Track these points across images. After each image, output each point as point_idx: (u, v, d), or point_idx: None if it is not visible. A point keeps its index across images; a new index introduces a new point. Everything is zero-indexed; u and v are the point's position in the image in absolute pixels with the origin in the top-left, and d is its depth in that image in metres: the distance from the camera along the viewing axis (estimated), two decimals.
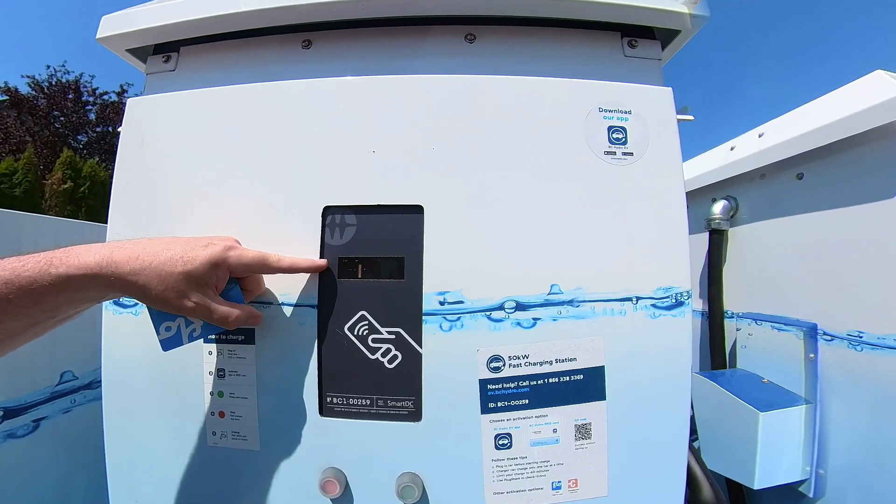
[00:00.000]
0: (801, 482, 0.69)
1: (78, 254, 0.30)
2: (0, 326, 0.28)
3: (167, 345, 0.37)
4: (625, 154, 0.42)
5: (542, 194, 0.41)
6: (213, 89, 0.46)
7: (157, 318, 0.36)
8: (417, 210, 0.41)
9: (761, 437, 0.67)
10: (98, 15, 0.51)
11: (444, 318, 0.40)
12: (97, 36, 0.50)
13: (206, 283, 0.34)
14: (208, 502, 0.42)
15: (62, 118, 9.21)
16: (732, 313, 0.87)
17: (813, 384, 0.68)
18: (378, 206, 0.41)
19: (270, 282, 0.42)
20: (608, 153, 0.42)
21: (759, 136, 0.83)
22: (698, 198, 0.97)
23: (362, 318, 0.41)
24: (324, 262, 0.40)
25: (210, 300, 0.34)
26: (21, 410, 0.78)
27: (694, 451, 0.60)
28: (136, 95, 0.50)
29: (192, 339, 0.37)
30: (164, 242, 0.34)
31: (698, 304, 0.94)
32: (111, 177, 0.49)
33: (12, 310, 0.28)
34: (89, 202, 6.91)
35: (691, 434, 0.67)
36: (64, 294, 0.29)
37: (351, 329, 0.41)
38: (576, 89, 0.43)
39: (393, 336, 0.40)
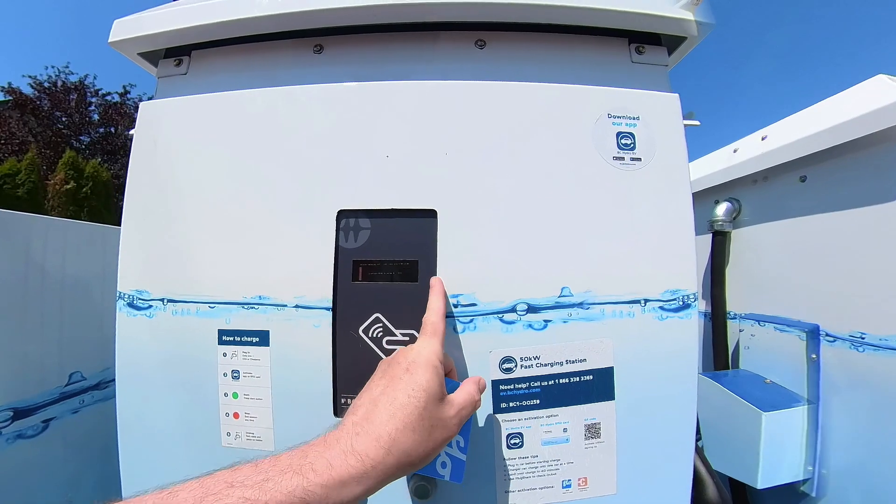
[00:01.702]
0: (804, 481, 0.69)
1: (341, 490, 0.25)
2: None
3: (457, 474, 0.34)
4: (633, 159, 0.42)
5: (553, 199, 0.42)
6: (225, 93, 0.47)
7: (429, 469, 0.33)
8: (431, 214, 0.42)
9: (764, 437, 0.68)
10: (100, 16, 0.51)
11: (458, 320, 0.40)
12: (109, 40, 0.51)
13: (443, 392, 0.31)
14: None
15: (65, 119, 9.20)
16: (735, 314, 0.88)
17: (815, 385, 0.69)
18: (392, 210, 0.42)
19: (284, 283, 0.43)
20: (617, 158, 0.42)
21: (762, 138, 0.84)
22: (701, 200, 0.98)
23: (377, 320, 0.41)
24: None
25: (454, 403, 0.31)
26: (30, 411, 0.79)
27: (698, 451, 0.61)
28: (142, 97, 0.51)
29: (464, 450, 0.35)
30: (369, 401, 0.29)
31: (701, 305, 0.95)
32: (113, 177, 0.49)
33: None
34: (92, 202, 6.90)
35: (695, 434, 0.67)
36: None
37: (365, 331, 0.41)
38: (585, 95, 0.44)
39: (407, 338, 0.41)
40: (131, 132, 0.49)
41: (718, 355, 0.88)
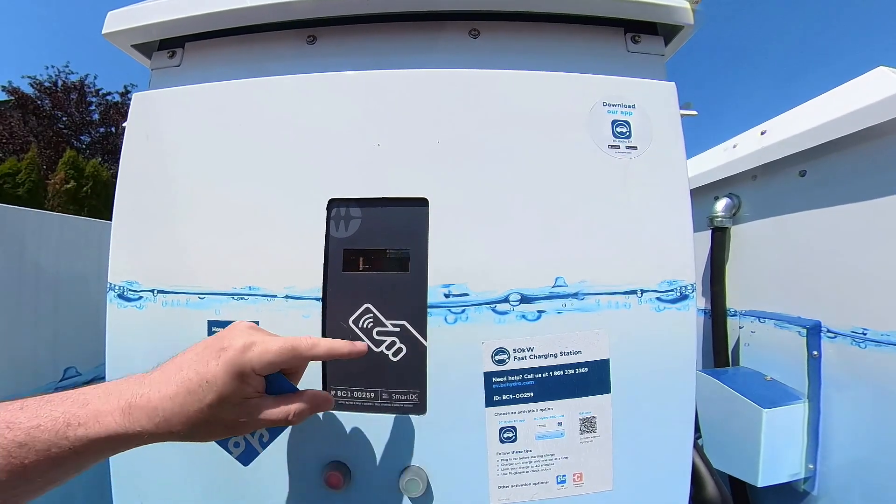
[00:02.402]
0: (805, 479, 0.68)
1: (98, 413, 0.26)
2: (15, 491, 0.24)
3: (246, 459, 0.34)
4: (629, 148, 0.42)
5: (547, 187, 0.41)
6: (217, 84, 0.47)
7: (220, 441, 0.33)
8: (422, 203, 0.41)
9: (765, 434, 0.67)
10: (100, 14, 0.51)
11: (449, 310, 0.40)
12: (103, 31, 0.50)
13: (243, 396, 0.28)
14: (212, 497, 0.42)
15: (65, 118, 9.25)
16: (735, 311, 0.87)
17: (816, 381, 0.68)
18: (383, 199, 0.42)
19: (274, 273, 0.42)
20: (612, 147, 0.42)
21: (762, 133, 0.83)
22: (701, 196, 0.97)
23: (367, 310, 0.41)
24: (364, 345, 0.33)
25: (259, 409, 0.29)
26: None
27: (698, 449, 0.60)
28: (140, 92, 0.50)
29: (265, 444, 0.34)
30: (174, 368, 0.29)
31: (701, 301, 0.94)
32: (114, 177, 0.49)
33: (27, 475, 0.24)
34: (92, 202, 6.93)
35: (695, 432, 0.66)
36: (86, 456, 0.26)
37: (356, 322, 0.41)
38: (580, 83, 0.43)
39: (398, 329, 0.40)
40: (124, 124, 0.49)
41: (718, 352, 0.87)
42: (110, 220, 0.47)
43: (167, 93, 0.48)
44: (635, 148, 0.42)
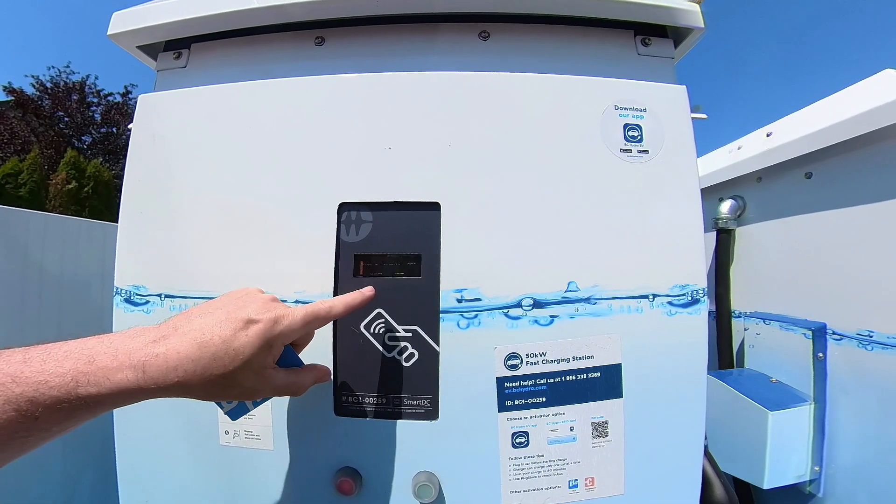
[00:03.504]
0: (810, 482, 0.68)
1: (107, 371, 0.26)
2: (25, 441, 0.24)
3: (234, 414, 0.35)
4: (640, 152, 0.42)
5: (559, 191, 0.41)
6: (224, 86, 0.46)
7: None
8: (434, 207, 0.41)
9: (771, 436, 0.67)
10: (101, 14, 0.51)
11: (462, 315, 0.40)
12: (108, 32, 0.50)
13: (264, 366, 0.30)
14: (220, 503, 0.42)
15: (67, 119, 9.22)
16: (740, 313, 0.87)
17: (822, 384, 0.68)
18: (394, 202, 0.41)
19: (284, 278, 0.42)
20: (624, 150, 0.41)
21: (767, 135, 0.83)
22: (706, 197, 0.96)
23: (378, 315, 0.40)
24: (371, 289, 0.37)
25: (272, 379, 0.31)
26: None
27: (705, 451, 0.60)
28: (146, 93, 0.50)
29: (257, 404, 0.35)
30: (197, 332, 0.28)
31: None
32: (115, 177, 0.48)
33: (39, 425, 0.24)
34: (93, 202, 6.92)
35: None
36: (99, 409, 0.26)
37: (367, 327, 0.41)
38: (591, 87, 0.43)
39: (410, 334, 0.40)
40: (130, 126, 0.49)
41: (723, 354, 0.87)
42: (112, 220, 0.47)
43: (173, 94, 0.48)
44: (647, 152, 0.42)
